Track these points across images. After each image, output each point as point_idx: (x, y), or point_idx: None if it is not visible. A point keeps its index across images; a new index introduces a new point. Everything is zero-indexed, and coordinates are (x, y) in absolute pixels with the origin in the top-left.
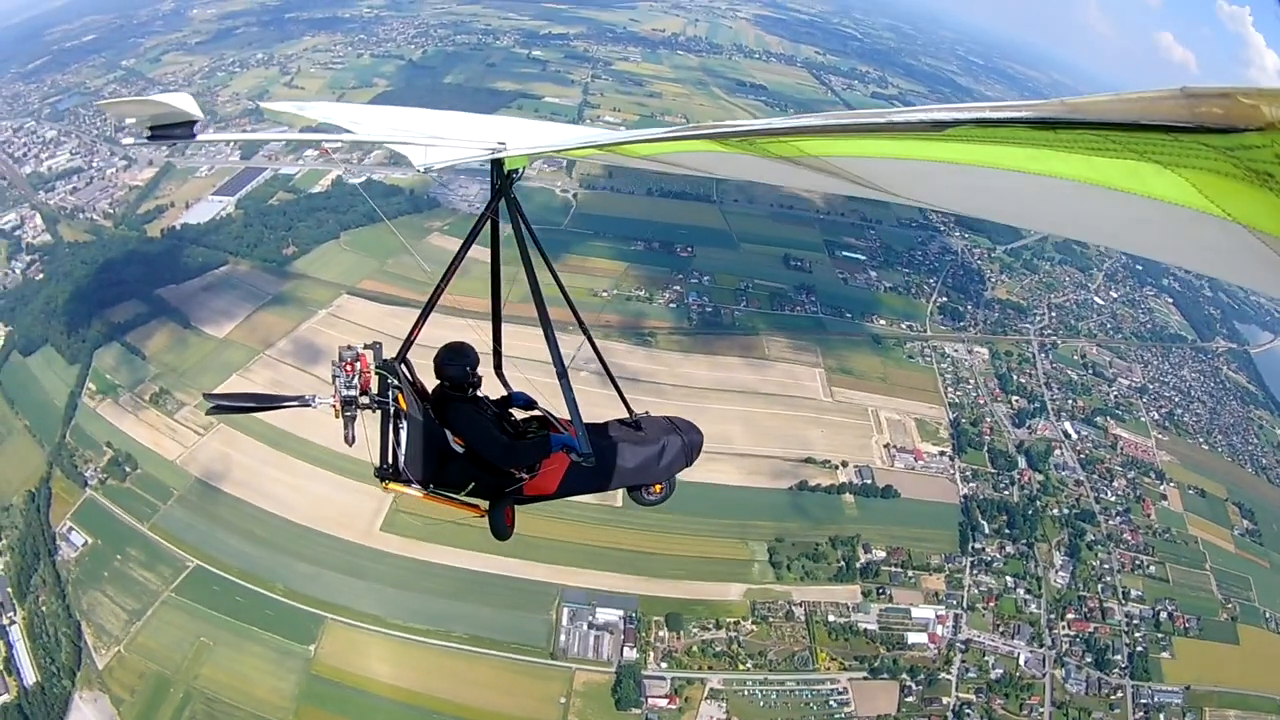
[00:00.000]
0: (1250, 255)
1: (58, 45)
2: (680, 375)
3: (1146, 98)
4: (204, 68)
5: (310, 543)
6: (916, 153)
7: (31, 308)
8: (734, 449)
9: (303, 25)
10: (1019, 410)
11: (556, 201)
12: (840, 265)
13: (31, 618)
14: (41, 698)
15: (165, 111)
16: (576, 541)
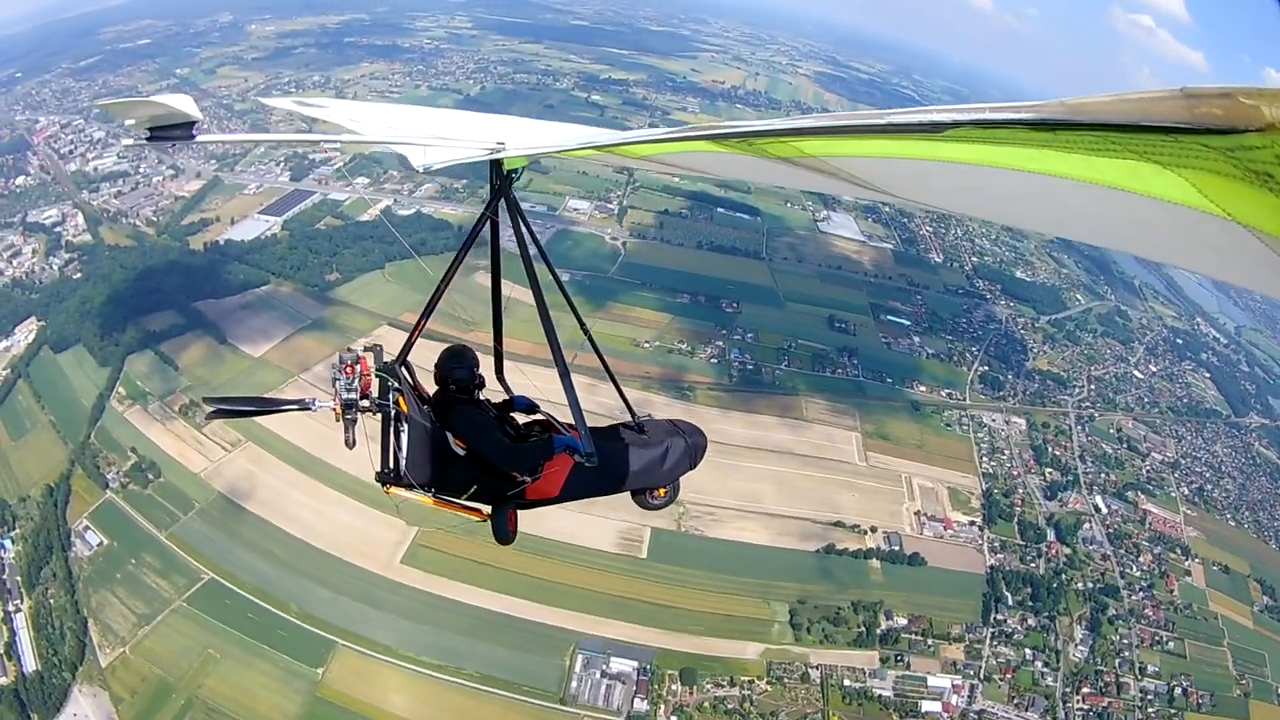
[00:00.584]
0: (1250, 255)
1: (111, 46)
2: (716, 431)
3: (1146, 99)
4: (259, 84)
5: (330, 568)
6: (915, 153)
7: (66, 306)
8: (764, 508)
9: (361, 51)
10: (1051, 483)
11: (605, 249)
12: (884, 329)
13: (38, 608)
14: (40, 686)
15: (164, 112)
16: (598, 590)
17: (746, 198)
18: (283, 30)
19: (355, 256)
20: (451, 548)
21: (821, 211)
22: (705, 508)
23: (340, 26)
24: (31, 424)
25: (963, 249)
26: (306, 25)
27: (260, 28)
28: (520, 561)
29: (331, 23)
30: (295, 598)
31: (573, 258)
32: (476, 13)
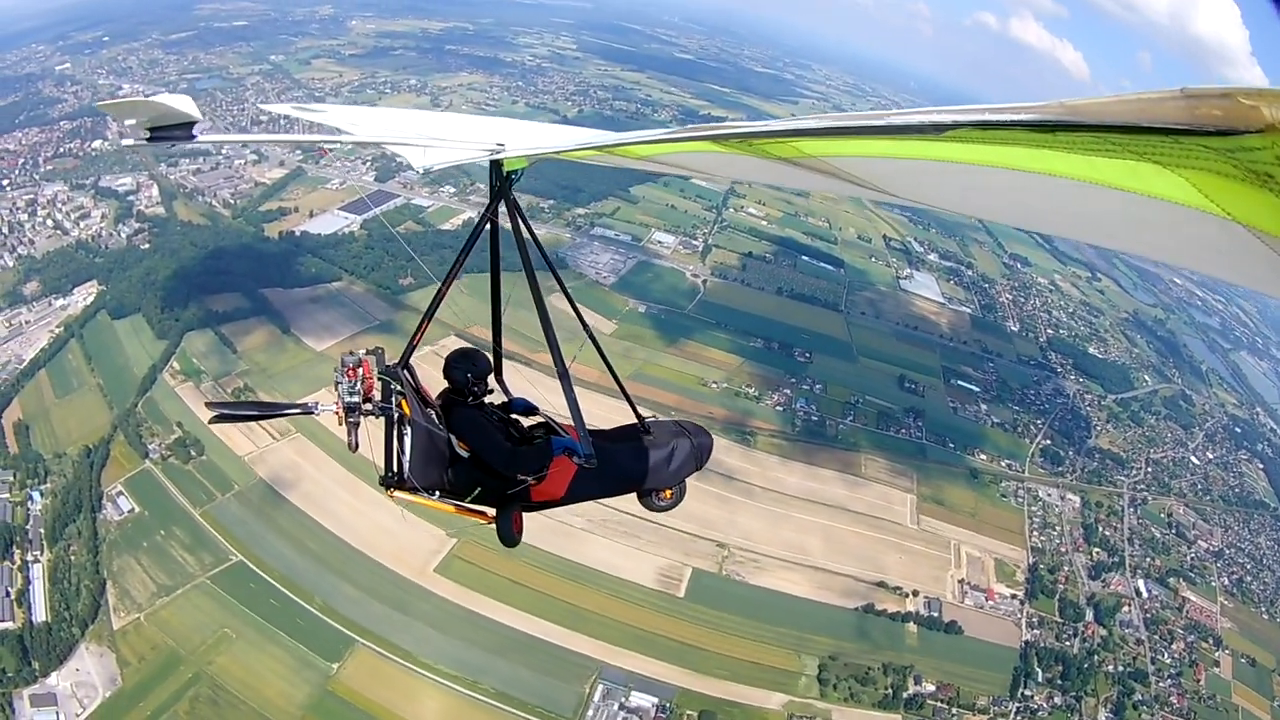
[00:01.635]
0: (1250, 255)
1: (206, 23)
2: (772, 479)
3: (1146, 99)
4: (353, 81)
5: (361, 568)
6: (916, 153)
7: (130, 274)
8: (810, 561)
9: (462, 60)
10: (1098, 563)
11: (685, 285)
12: (953, 394)
13: (57, 562)
14: (46, 637)
15: (165, 113)
16: (629, 622)
17: (833, 248)
18: (383, 29)
19: (431, 264)
20: (489, 563)
21: (905, 270)
22: (751, 554)
23: (442, 33)
24: (79, 384)
25: (1040, 320)
26: (408, 27)
27: (361, 24)
28: (556, 585)
29: (434, 28)
30: (321, 591)
31: (651, 290)
32: (582, 35)
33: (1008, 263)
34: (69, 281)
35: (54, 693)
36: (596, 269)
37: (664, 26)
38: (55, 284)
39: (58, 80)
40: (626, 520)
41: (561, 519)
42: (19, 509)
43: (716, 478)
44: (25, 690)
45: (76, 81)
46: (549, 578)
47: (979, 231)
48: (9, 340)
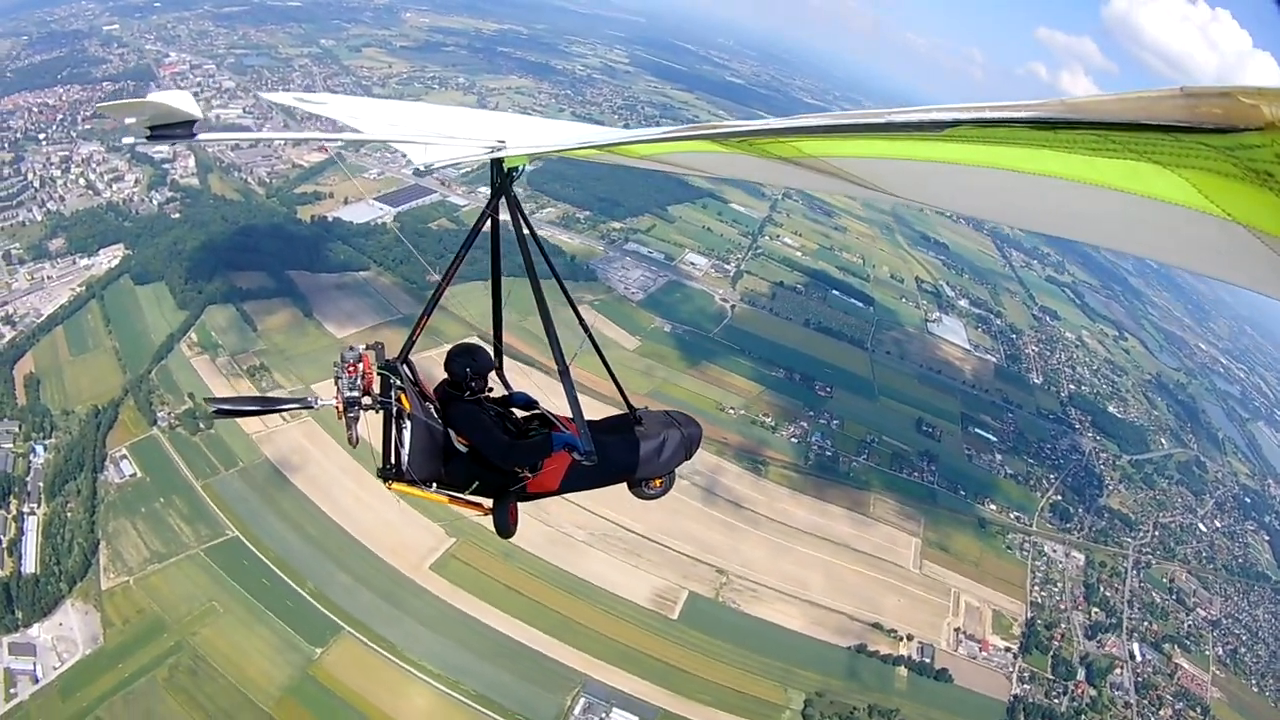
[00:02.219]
0: (1250, 255)
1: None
2: (779, 510)
3: (1146, 98)
4: (401, 73)
5: (358, 558)
6: (916, 153)
7: (158, 242)
8: (807, 595)
9: (512, 63)
10: (1095, 623)
11: (713, 308)
12: (970, 441)
13: (53, 517)
14: (33, 588)
15: (165, 111)
16: (619, 639)
17: (865, 285)
18: (436, 25)
19: (463, 263)
20: (485, 566)
21: (934, 313)
22: (749, 583)
23: (496, 34)
24: (94, 344)
25: (1063, 375)
26: (462, 25)
27: (415, 17)
28: (550, 595)
29: (488, 29)
30: (314, 576)
31: (679, 311)
32: (635, 50)
33: (1037, 315)
34: (95, 242)
35: (34, 643)
36: (626, 284)
37: (717, 49)
38: (81, 243)
39: (104, 40)
40: (629, 538)
41: (564, 530)
42: (20, 460)
43: (725, 504)
44: (5, 638)
45: (123, 44)
46: (544, 586)
47: (1011, 280)
48: (29, 293)
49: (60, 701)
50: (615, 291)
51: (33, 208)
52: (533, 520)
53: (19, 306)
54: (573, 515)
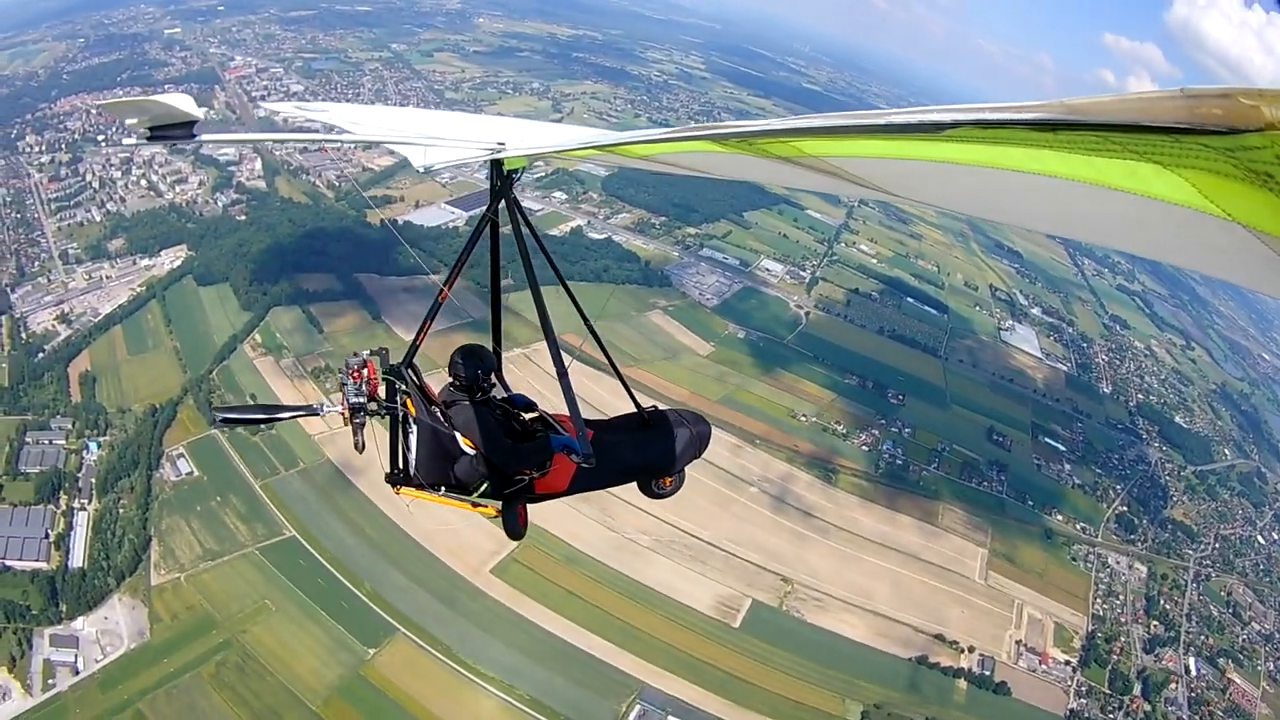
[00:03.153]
0: (1250, 255)
1: (328, 4)
2: (847, 519)
3: (1146, 98)
4: (475, 78)
5: (417, 560)
6: (915, 153)
7: (222, 243)
8: (872, 606)
9: (588, 69)
10: (1154, 636)
11: (787, 315)
12: (1039, 451)
13: (104, 513)
14: (79, 582)
15: (165, 112)
16: (679, 646)
17: (940, 293)
18: (511, 30)
19: (534, 267)
20: (547, 571)
21: (1007, 321)
22: (815, 592)
23: (570, 40)
24: (154, 344)
25: (1132, 384)
26: (536, 30)
27: (488, 22)
28: (612, 601)
29: (563, 34)
30: (371, 577)
31: (753, 317)
32: (711, 56)
33: (1107, 324)
34: (157, 243)
35: (77, 636)
36: (700, 290)
37: (794, 55)
38: (142, 244)
39: (166, 44)
40: (695, 544)
41: (629, 536)
42: (73, 457)
43: (794, 512)
44: (47, 630)
45: (186, 47)
46: (606, 592)
47: (1083, 289)
48: (87, 292)
49: (100, 693)
50: (690, 297)
51: (91, 208)
52: (597, 525)
53: (76, 305)
54: (639, 521)
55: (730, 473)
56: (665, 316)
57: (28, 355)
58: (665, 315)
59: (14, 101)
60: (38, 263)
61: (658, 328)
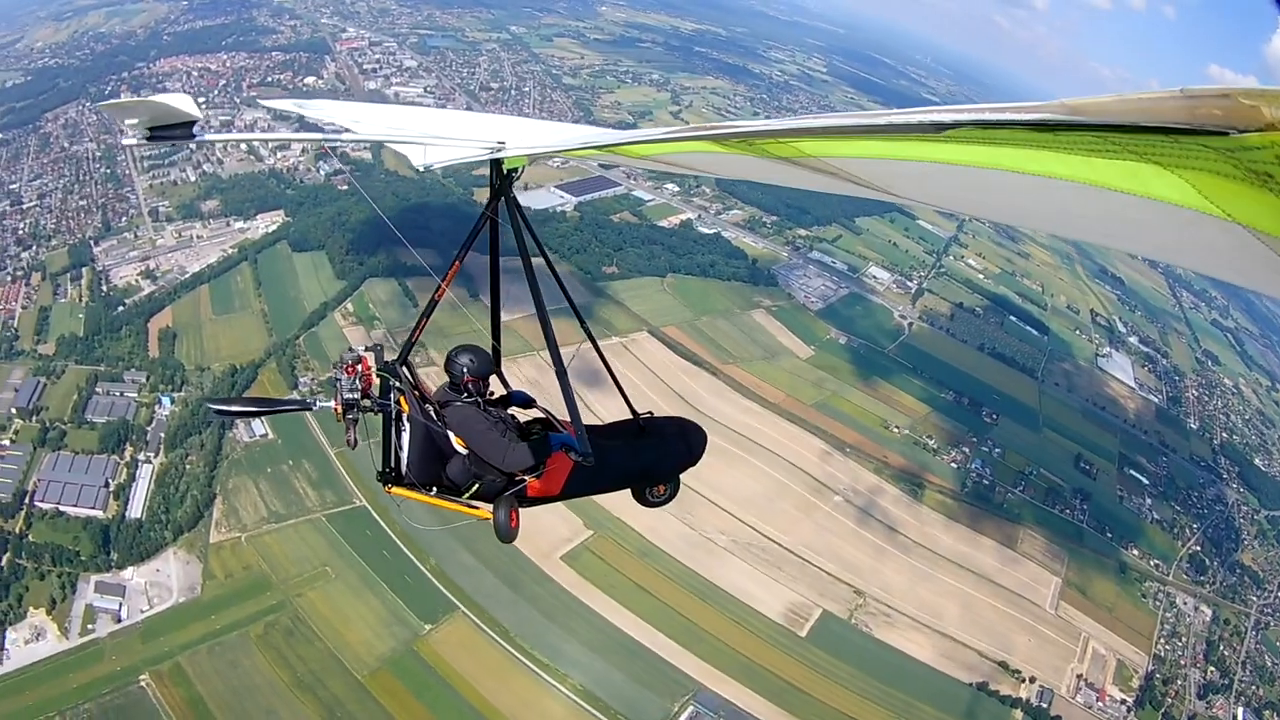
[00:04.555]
0: (1250, 256)
1: None
2: (927, 535)
3: (1146, 99)
4: (594, 65)
5: (486, 540)
6: (916, 154)
7: (321, 211)
8: (940, 626)
9: (709, 63)
10: (1209, 682)
11: (890, 324)
12: (1123, 482)
13: (169, 468)
14: (135, 534)
15: (165, 112)
16: (742, 651)
17: (1042, 314)
18: (633, 20)
19: (639, 258)
20: (619, 563)
21: (1105, 348)
22: (886, 607)
23: (694, 34)
24: (240, 306)
25: (1218, 422)
26: (659, 22)
27: (611, 11)
28: (680, 599)
29: (686, 27)
30: (437, 553)
31: (856, 324)
32: (834, 59)
33: (1200, 358)
34: (253, 206)
35: (124, 585)
36: (806, 293)
37: (914, 65)
38: (237, 206)
39: (275, 11)
40: (773, 549)
41: (707, 534)
42: (144, 410)
43: (876, 524)
44: (94, 576)
45: (296, 16)
46: (675, 589)
47: (1179, 321)
48: (175, 250)
49: (140, 643)
50: (795, 299)
51: (186, 168)
52: (676, 521)
53: (162, 262)
54: (719, 520)
55: (818, 479)
56: (768, 316)
57: (106, 308)
58: (768, 315)
59: (110, 59)
60: (125, 218)
61: (759, 327)
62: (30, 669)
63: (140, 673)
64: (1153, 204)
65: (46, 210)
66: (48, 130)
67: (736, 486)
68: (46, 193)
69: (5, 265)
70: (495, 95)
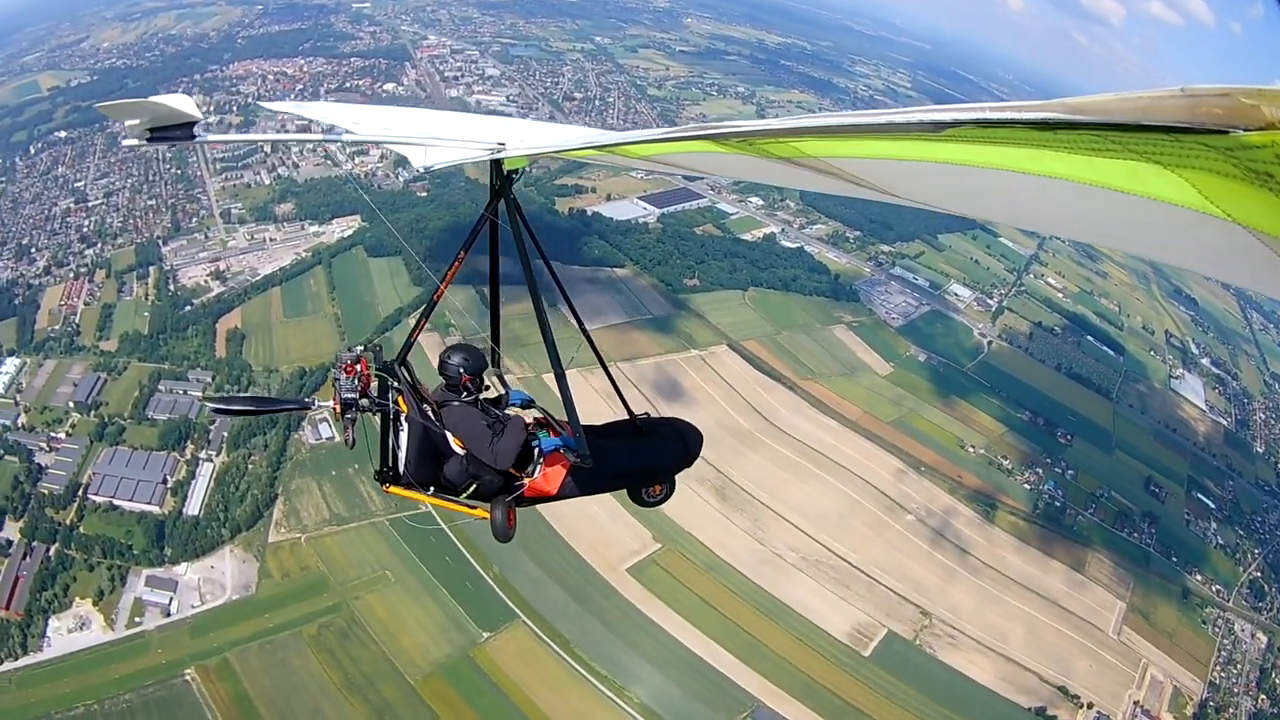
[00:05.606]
0: (1250, 255)
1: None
2: (998, 558)
3: (1147, 98)
4: (679, 77)
5: (554, 551)
6: (916, 154)
7: (397, 217)
8: (1003, 649)
9: (795, 78)
10: (1259, 710)
11: (970, 343)
12: (1191, 506)
13: (231, 467)
14: (192, 530)
15: (165, 113)
16: (804, 669)
17: (1119, 334)
18: (718, 32)
19: (721, 271)
20: (686, 577)
21: (1178, 369)
22: (951, 629)
23: (779, 47)
24: (313, 309)
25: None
26: (745, 35)
27: (696, 23)
28: (745, 615)
29: (772, 41)
30: (502, 561)
31: (936, 341)
32: (919, 75)
33: (1268, 380)
34: (328, 211)
35: (176, 580)
36: (887, 309)
37: (998, 82)
38: (312, 210)
39: (354, 18)
40: (842, 567)
41: (776, 550)
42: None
43: (947, 545)
44: (145, 570)
45: (375, 23)
46: (741, 605)
47: (1250, 343)
48: (247, 252)
49: (188, 638)
50: (876, 315)
51: (260, 171)
52: (746, 537)
53: (233, 264)
54: (790, 536)
55: (891, 498)
56: (848, 332)
57: (173, 307)
58: (849, 330)
59: (181, 61)
60: (195, 219)
61: (840, 342)
62: (71, 657)
63: (186, 667)
64: (1153, 204)
65: (113, 209)
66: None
67: (809, 503)
68: (113, 191)
69: (68, 261)
70: (579, 105)
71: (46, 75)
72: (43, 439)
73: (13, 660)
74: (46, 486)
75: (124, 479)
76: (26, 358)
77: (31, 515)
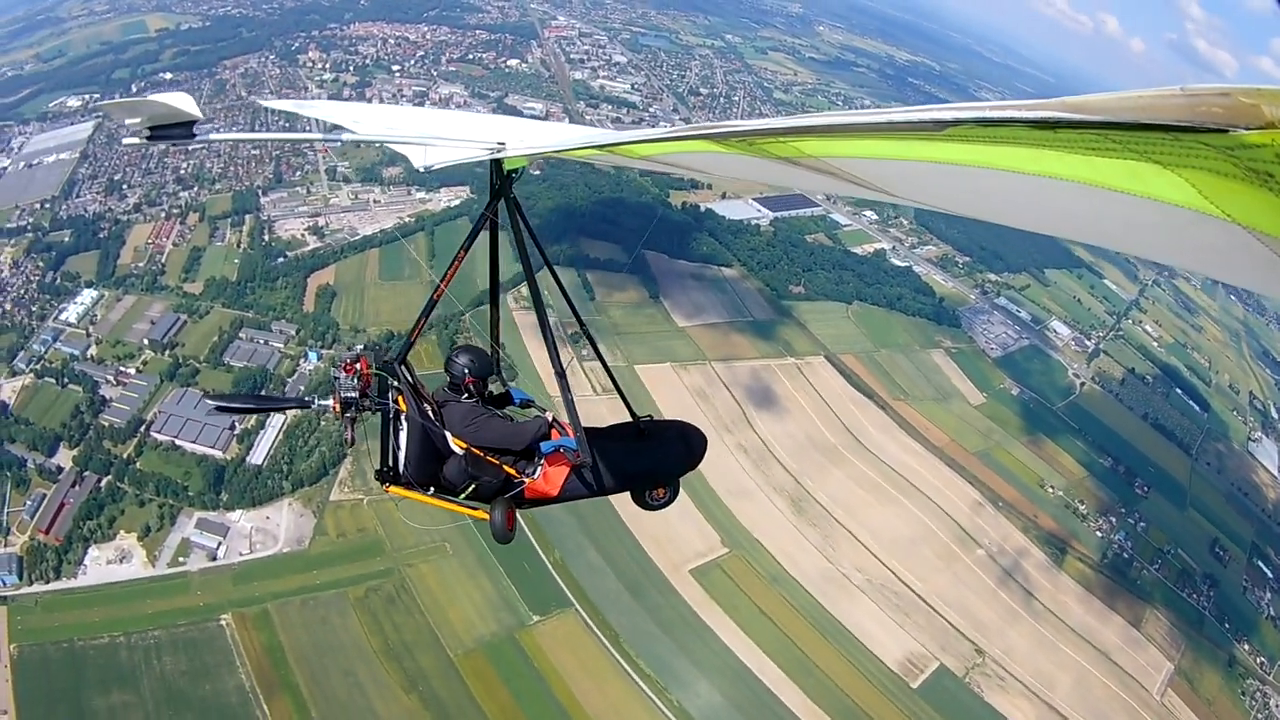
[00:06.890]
0: (1250, 256)
1: None
2: (1059, 603)
3: (1147, 97)
4: (806, 83)
5: (618, 543)
6: (916, 154)
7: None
8: (1048, 697)
9: (921, 96)
10: None
11: (1063, 382)
12: (1250, 573)
13: (302, 421)
14: (253, 479)
15: (165, 112)
16: (849, 694)
17: (1206, 390)
18: (849, 43)
19: (828, 281)
20: (748, 585)
21: (1257, 432)
22: (1002, 670)
23: (908, 64)
24: (410, 274)
25: None
26: (875, 48)
27: (828, 32)
28: (800, 631)
29: (901, 57)
30: (565, 548)
31: (1030, 376)
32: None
33: None
34: (437, 179)
35: (228, 526)
36: (987, 339)
37: None
38: (421, 177)
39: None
40: (905, 594)
41: (843, 569)
42: (288, 361)
43: (1013, 585)
44: (198, 512)
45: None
46: (798, 621)
47: None
48: (348, 211)
49: (230, 584)
50: (975, 344)
51: None
52: (815, 554)
53: (333, 221)
54: (859, 557)
55: (965, 530)
56: (946, 357)
57: (265, 257)
58: (946, 356)
59: (300, 16)
60: (299, 173)
61: (936, 367)
62: (105, 588)
63: (224, 612)
64: (1153, 204)
65: (214, 154)
66: (223, 77)
67: (884, 526)
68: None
69: (161, 201)
70: (703, 101)
71: (155, 16)
72: (110, 372)
73: (43, 583)
74: (108, 419)
75: (190, 420)
76: (105, 291)
77: (88, 445)
